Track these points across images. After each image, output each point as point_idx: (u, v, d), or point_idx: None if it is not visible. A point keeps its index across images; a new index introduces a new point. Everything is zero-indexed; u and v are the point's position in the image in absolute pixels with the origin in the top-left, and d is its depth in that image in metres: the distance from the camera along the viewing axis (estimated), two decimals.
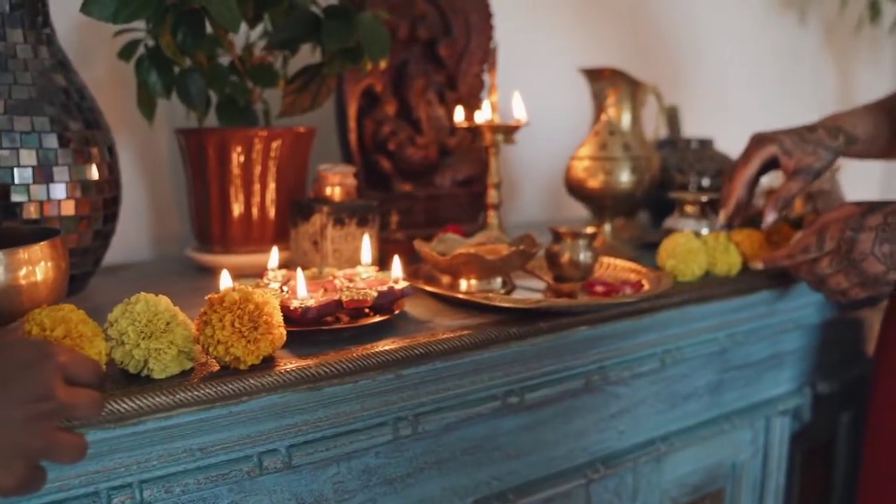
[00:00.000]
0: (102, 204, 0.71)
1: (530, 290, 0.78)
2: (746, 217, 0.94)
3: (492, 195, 0.89)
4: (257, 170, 0.81)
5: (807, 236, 0.82)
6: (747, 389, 0.91)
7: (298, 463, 0.58)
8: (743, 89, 1.73)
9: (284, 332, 0.55)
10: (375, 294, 0.60)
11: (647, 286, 0.74)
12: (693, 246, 0.79)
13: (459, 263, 0.70)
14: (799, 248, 0.82)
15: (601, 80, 1.04)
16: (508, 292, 0.74)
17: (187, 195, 0.85)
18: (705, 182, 1.13)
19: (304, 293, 0.58)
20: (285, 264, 0.82)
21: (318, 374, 0.55)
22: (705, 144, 1.19)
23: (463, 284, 0.73)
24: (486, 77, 1.04)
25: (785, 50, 1.80)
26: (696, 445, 0.86)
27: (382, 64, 0.83)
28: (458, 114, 0.88)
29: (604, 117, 0.89)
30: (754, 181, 0.92)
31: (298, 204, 0.78)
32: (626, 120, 1.06)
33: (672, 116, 1.21)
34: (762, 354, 0.91)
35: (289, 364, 0.55)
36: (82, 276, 0.73)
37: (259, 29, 0.85)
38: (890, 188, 1.97)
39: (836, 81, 1.84)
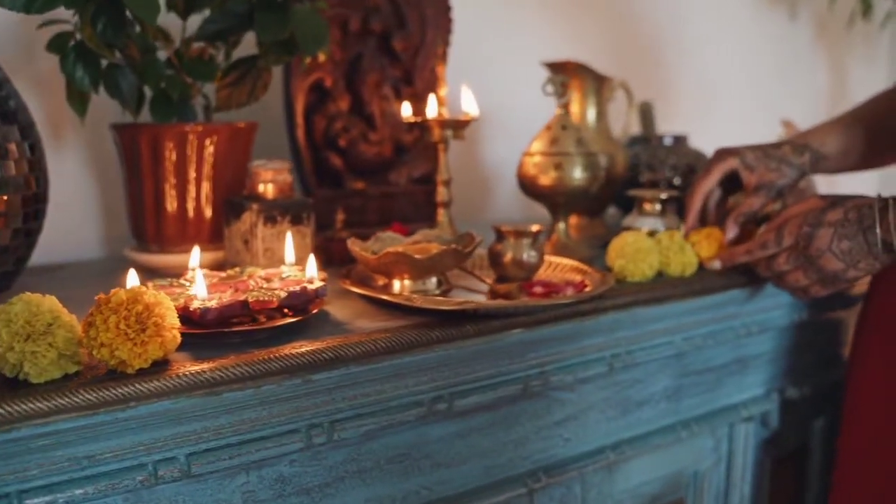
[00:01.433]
0: (21, 202, 0.69)
1: (470, 292, 0.75)
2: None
3: (441, 193, 0.86)
4: (192, 166, 0.78)
5: (766, 232, 0.79)
6: (708, 395, 0.87)
7: (200, 472, 0.55)
8: (734, 86, 1.69)
9: (178, 335, 0.52)
10: (284, 294, 0.57)
11: (590, 287, 0.71)
12: (643, 245, 0.76)
13: (388, 263, 0.67)
14: (757, 244, 0.79)
15: (564, 73, 1.00)
16: (444, 293, 0.71)
17: (124, 193, 0.83)
18: (677, 180, 1.09)
19: (203, 293, 0.55)
20: (220, 264, 0.80)
21: (216, 378, 0.53)
22: (679, 141, 1.15)
23: (396, 285, 0.70)
24: (447, 71, 1.01)
25: (776, 46, 1.76)
26: (652, 454, 0.82)
27: (322, 56, 0.80)
28: (406, 109, 0.85)
29: (558, 111, 0.85)
30: (721, 197, 0.89)
31: (230, 202, 0.75)
32: (591, 115, 1.02)
33: (645, 112, 1.18)
34: (724, 358, 0.87)
35: (182, 368, 0.52)
36: (3, 275, 0.70)
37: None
38: (888, 187, 1.91)
39: (829, 77, 1.79)
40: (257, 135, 0.99)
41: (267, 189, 0.74)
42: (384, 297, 0.65)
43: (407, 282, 0.70)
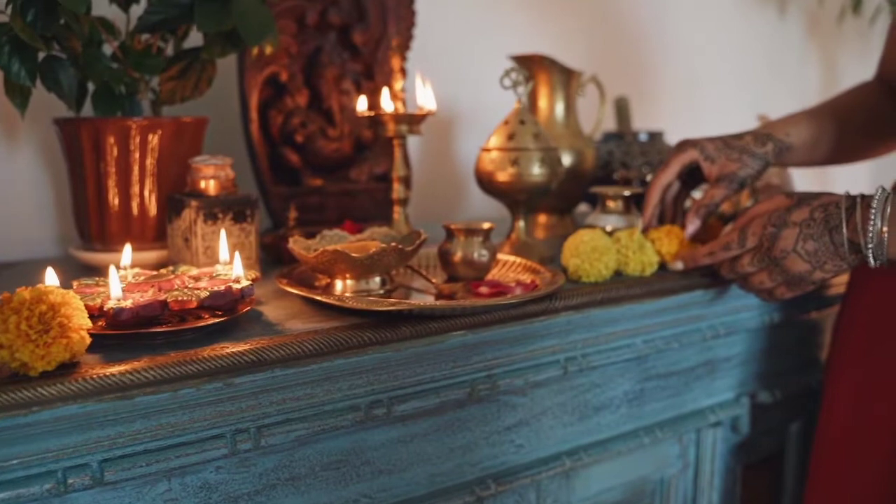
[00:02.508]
0: None
1: (418, 292, 0.72)
2: (665, 222, 0.88)
3: (396, 190, 0.84)
4: (135, 162, 0.76)
5: (730, 233, 0.76)
6: (674, 400, 0.84)
7: (114, 479, 0.52)
8: (721, 83, 1.66)
9: (87, 336, 0.50)
10: (206, 295, 0.55)
11: (540, 288, 0.68)
12: (599, 244, 0.73)
13: (327, 262, 0.64)
14: (720, 245, 0.76)
15: (530, 67, 0.97)
16: (388, 293, 0.69)
17: (69, 190, 0.81)
18: (651, 177, 1.06)
19: (117, 293, 0.53)
20: (164, 263, 0.78)
21: (127, 382, 0.50)
22: (654, 137, 1.12)
23: (339, 285, 0.68)
24: (408, 66, 0.98)
25: (765, 42, 1.72)
26: (613, 460, 0.80)
27: (269, 49, 0.77)
28: (362, 103, 0.82)
29: (517, 105, 0.82)
30: (680, 191, 0.86)
31: (171, 198, 0.73)
32: (559, 110, 0.99)
33: (621, 108, 1.15)
34: (690, 362, 0.84)
35: (91, 371, 0.50)
36: None
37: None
38: (882, 177, 1.87)
39: (821, 73, 1.76)
40: (214, 131, 0.98)
41: (209, 185, 0.72)
42: (317, 297, 0.62)
43: (349, 281, 0.67)
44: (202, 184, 0.72)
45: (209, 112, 0.95)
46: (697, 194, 1.03)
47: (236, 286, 0.57)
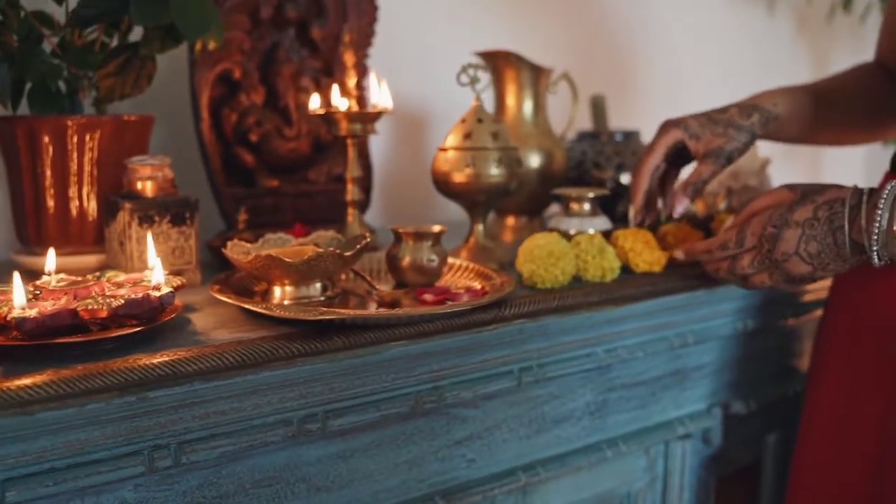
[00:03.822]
0: None
1: (363, 298, 0.69)
2: (658, 212, 0.84)
3: (350, 191, 0.81)
4: (73, 163, 0.72)
5: (728, 230, 0.72)
6: (640, 411, 0.80)
7: (17, 499, 0.49)
8: (710, 83, 1.62)
9: None
10: (120, 303, 0.52)
11: (489, 294, 0.65)
12: (555, 248, 0.69)
13: (261, 267, 0.61)
14: (717, 243, 0.72)
15: (496, 63, 0.94)
16: (330, 300, 0.65)
17: (7, 192, 0.78)
18: (625, 178, 1.03)
19: (21, 301, 0.50)
20: (102, 267, 0.74)
21: (27, 397, 0.47)
22: (630, 137, 1.08)
23: (277, 292, 0.64)
24: (369, 63, 0.95)
25: (755, 40, 1.68)
26: (574, 475, 0.76)
27: (212, 44, 0.74)
28: (314, 101, 0.79)
29: (475, 103, 0.79)
30: (668, 173, 0.83)
31: (108, 200, 0.70)
32: (527, 108, 0.96)
33: (597, 106, 1.11)
34: (658, 371, 0.81)
35: None
36: None
37: None
38: (873, 174, 1.83)
39: (812, 71, 1.72)
40: (168, 130, 0.94)
41: (145, 186, 0.69)
42: (244, 305, 0.59)
43: (288, 288, 0.64)
44: (139, 185, 0.69)
45: (163, 110, 0.92)
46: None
47: (155, 294, 0.54)
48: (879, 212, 0.63)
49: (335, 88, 0.77)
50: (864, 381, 0.79)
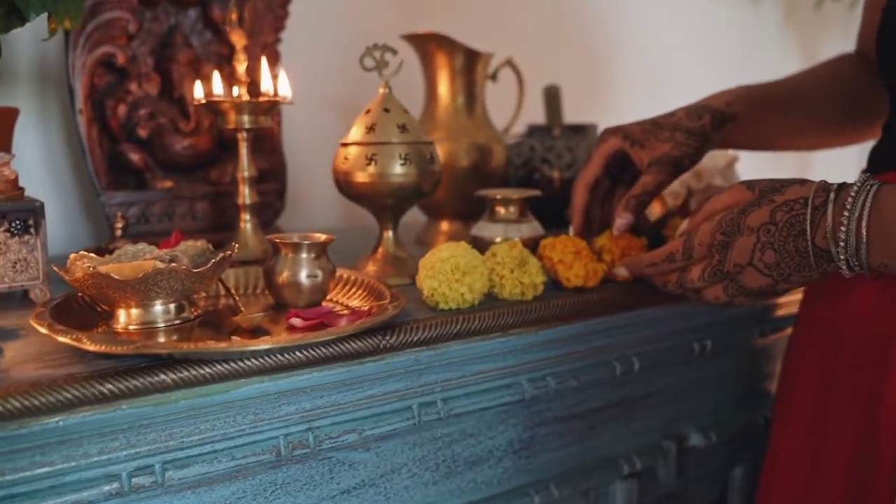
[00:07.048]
0: None
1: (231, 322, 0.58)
2: (600, 228, 0.74)
3: (242, 193, 0.70)
4: None
5: (677, 238, 0.62)
6: (575, 447, 0.70)
7: None
8: (694, 73, 1.50)
9: None
10: None
11: (371, 317, 0.54)
12: (462, 262, 0.59)
13: (91, 286, 0.51)
14: (663, 254, 0.62)
15: (425, 47, 0.83)
16: (186, 324, 0.55)
17: None
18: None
19: None
20: None
21: None
22: (585, 131, 0.98)
23: (122, 315, 0.54)
24: (280, 48, 0.85)
25: (740, 29, 1.57)
26: None
27: (67, 24, 0.64)
28: (197, 89, 0.69)
29: (382, 90, 0.68)
30: (609, 188, 0.73)
31: None
32: (461, 98, 0.85)
33: (551, 97, 1.00)
34: (597, 402, 0.70)
35: None
36: None
37: None
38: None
39: (801, 60, 1.60)
40: (53, 125, 0.84)
41: None
42: (55, 335, 0.48)
43: (134, 311, 0.53)
44: None
45: (44, 102, 0.82)
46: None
47: None
48: (847, 213, 0.52)
49: (216, 75, 0.67)
50: (838, 405, 0.68)
